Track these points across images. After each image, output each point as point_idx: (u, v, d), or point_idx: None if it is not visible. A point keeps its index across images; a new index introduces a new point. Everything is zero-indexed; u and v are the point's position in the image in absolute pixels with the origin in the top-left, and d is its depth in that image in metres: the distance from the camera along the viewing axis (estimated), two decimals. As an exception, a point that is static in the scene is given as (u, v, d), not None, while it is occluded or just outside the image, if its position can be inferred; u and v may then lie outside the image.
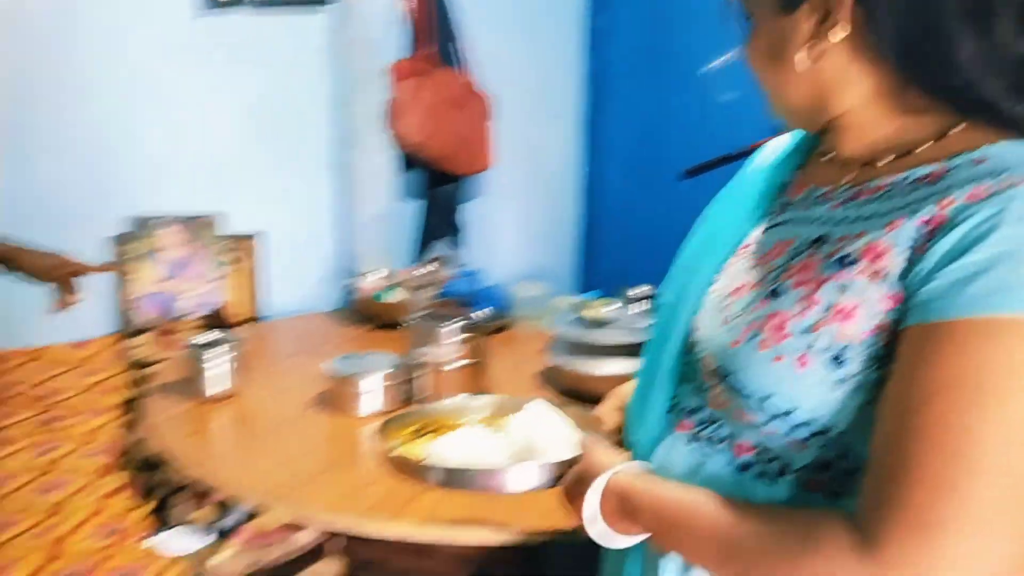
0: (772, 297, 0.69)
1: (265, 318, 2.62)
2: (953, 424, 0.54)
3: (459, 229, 3.01)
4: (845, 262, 0.64)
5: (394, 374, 1.64)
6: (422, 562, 1.30)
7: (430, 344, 1.65)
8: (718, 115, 2.67)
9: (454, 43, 2.80)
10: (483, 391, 1.69)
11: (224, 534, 1.39)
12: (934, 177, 0.63)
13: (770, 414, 0.66)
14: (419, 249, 2.91)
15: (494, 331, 2.21)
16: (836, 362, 0.63)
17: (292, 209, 2.70)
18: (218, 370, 1.67)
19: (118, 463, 1.65)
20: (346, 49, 2.65)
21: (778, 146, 0.85)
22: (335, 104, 2.72)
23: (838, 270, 0.64)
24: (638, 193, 3.18)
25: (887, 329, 0.61)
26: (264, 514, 1.39)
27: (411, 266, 2.64)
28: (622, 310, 1.76)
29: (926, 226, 0.60)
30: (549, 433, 0.91)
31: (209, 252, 2.48)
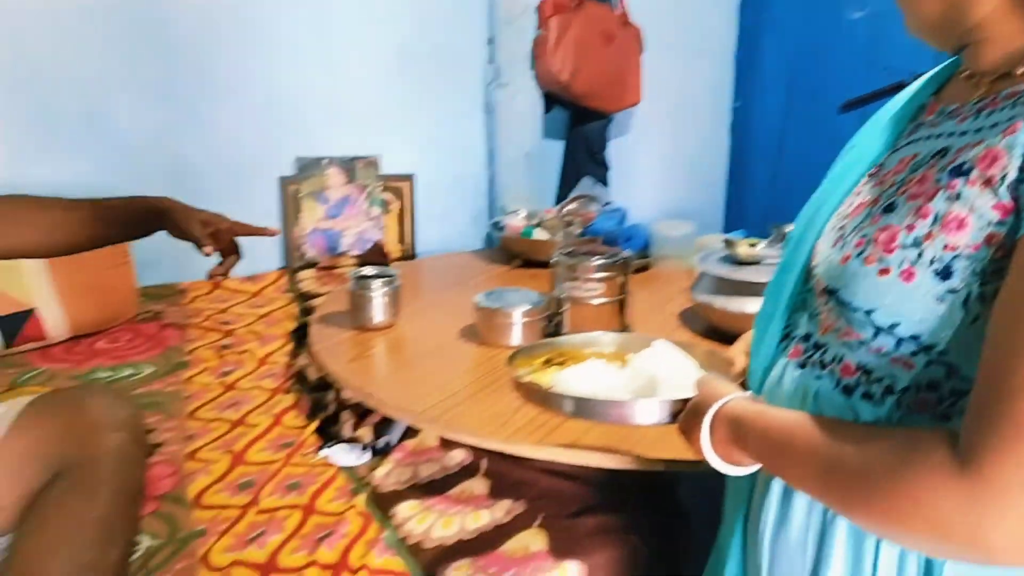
0: (886, 212, 0.67)
1: (417, 255, 2.74)
2: None
3: (604, 167, 2.98)
4: (960, 171, 0.61)
5: (538, 309, 1.69)
6: (564, 484, 1.34)
7: (574, 281, 1.69)
8: (877, 45, 2.51)
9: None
10: (625, 328, 1.71)
11: (383, 450, 1.47)
12: None
13: (876, 328, 0.65)
14: (564, 188, 2.91)
15: (637, 269, 2.21)
16: (943, 274, 0.60)
17: (442, 149, 2.76)
18: (377, 302, 1.78)
19: (288, 385, 1.76)
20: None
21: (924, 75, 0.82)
22: (483, 44, 2.74)
23: (952, 179, 0.61)
24: (789, 128, 3.05)
25: (999, 242, 0.57)
26: (419, 433, 1.47)
27: (556, 205, 2.65)
28: (769, 248, 1.71)
29: None
30: (671, 371, 0.92)
31: (368, 192, 2.60)
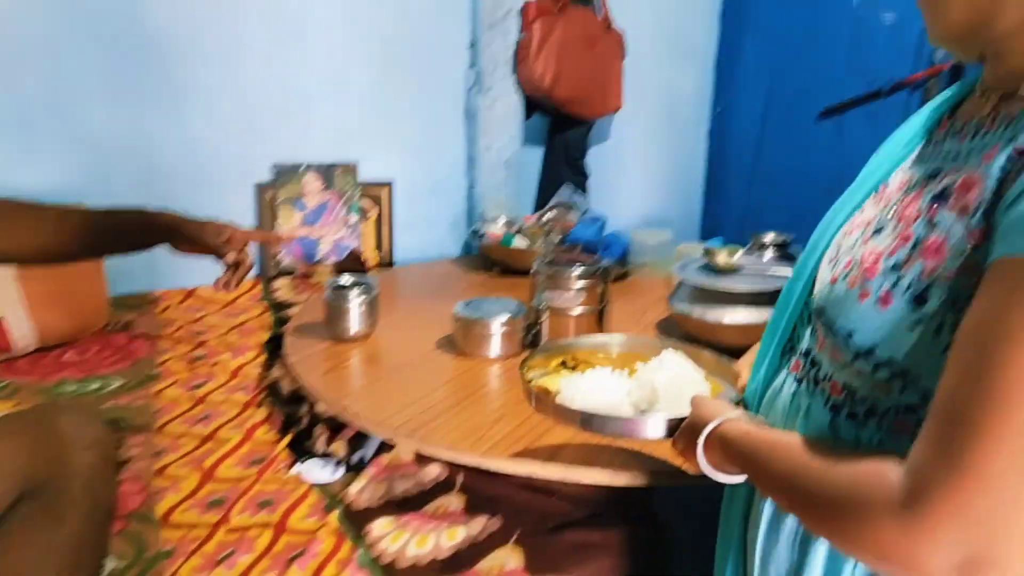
0: (875, 234, 0.67)
1: (395, 263, 2.70)
2: (1014, 376, 0.49)
3: (584, 175, 2.97)
4: (942, 196, 0.61)
5: (517, 320, 1.67)
6: (541, 500, 1.32)
7: (553, 290, 1.67)
8: (857, 54, 2.51)
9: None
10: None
11: (358, 466, 1.44)
12: None
13: (855, 351, 0.65)
14: (543, 195, 2.89)
15: (616, 278, 2.20)
16: (918, 301, 0.60)
17: (421, 156, 2.74)
18: (354, 312, 1.75)
19: (261, 398, 1.72)
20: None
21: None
22: (464, 48, 2.72)
23: (933, 204, 0.61)
24: (767, 136, 3.06)
25: (973, 269, 0.56)
26: (395, 448, 1.44)
27: (536, 213, 2.63)
28: (749, 257, 1.70)
29: (1020, 155, 0.55)
30: (676, 384, 0.93)
31: (346, 199, 2.57)
